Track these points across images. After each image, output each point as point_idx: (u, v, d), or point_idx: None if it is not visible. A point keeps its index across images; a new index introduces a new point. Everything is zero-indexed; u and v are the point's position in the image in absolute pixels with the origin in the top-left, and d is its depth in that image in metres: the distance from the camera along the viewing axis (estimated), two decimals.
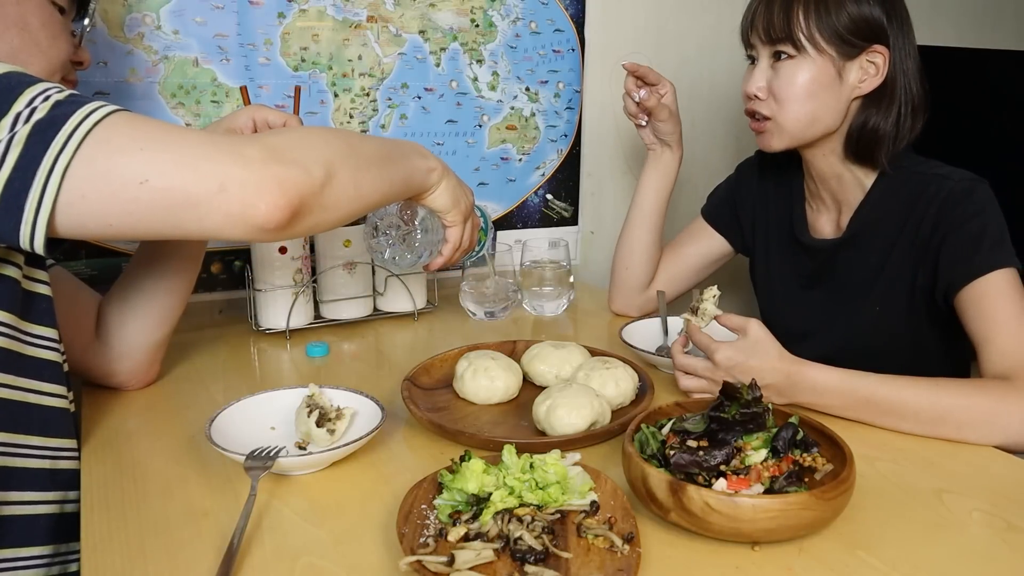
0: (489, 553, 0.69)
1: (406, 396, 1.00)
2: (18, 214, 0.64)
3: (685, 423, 0.83)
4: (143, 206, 0.65)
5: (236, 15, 1.36)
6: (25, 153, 0.64)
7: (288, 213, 0.68)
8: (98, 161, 0.64)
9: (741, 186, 1.37)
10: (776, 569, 0.71)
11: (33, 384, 0.84)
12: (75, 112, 0.65)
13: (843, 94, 1.11)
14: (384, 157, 0.82)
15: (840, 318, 1.21)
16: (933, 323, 1.14)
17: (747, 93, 1.16)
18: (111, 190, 0.64)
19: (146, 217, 0.66)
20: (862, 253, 1.18)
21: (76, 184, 0.64)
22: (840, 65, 1.10)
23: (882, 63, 1.09)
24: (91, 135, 0.64)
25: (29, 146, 0.64)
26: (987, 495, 0.84)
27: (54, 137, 0.64)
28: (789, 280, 1.29)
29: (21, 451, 0.83)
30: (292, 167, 0.68)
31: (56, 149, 0.63)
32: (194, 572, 0.71)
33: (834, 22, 1.08)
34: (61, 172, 0.63)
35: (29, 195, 0.64)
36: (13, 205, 0.64)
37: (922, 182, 1.11)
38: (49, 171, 0.63)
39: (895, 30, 1.10)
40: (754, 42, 1.15)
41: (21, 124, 0.64)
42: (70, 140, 0.64)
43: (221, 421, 0.90)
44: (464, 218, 0.96)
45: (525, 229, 1.67)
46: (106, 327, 1.06)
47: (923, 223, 1.10)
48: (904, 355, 1.15)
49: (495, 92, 1.58)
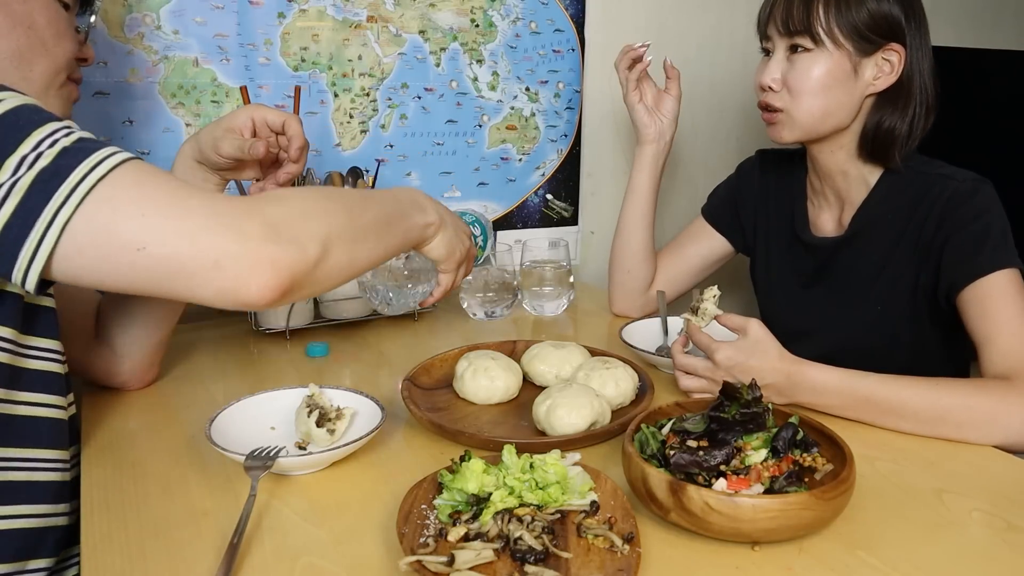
0: (489, 553, 0.69)
1: (406, 396, 1.00)
2: (12, 261, 0.64)
3: (685, 423, 0.83)
4: (138, 271, 0.65)
5: (236, 15, 1.36)
6: (25, 201, 0.63)
7: (278, 293, 0.68)
8: (98, 220, 0.64)
9: (742, 186, 1.37)
10: (776, 569, 0.71)
11: (32, 397, 0.82)
12: (80, 164, 0.64)
13: (857, 90, 1.11)
14: (383, 223, 0.82)
15: (841, 317, 1.21)
16: (934, 323, 1.14)
17: (761, 84, 1.16)
18: (108, 251, 0.64)
19: (139, 281, 0.66)
20: (864, 251, 1.18)
21: (75, 239, 0.63)
22: (856, 61, 1.10)
23: (897, 61, 1.10)
24: (94, 192, 0.63)
25: (30, 195, 0.63)
26: (987, 495, 0.84)
27: (57, 188, 0.63)
28: (790, 278, 1.29)
29: (19, 464, 0.81)
30: (288, 247, 0.68)
31: (58, 203, 0.63)
32: (194, 572, 0.71)
33: (854, 17, 1.08)
34: (60, 226, 0.63)
35: (26, 243, 0.63)
36: (8, 252, 0.63)
37: (926, 182, 1.12)
38: (48, 223, 0.63)
39: (912, 29, 1.10)
40: (771, 33, 1.15)
41: (24, 169, 0.63)
42: (72, 195, 0.63)
43: (221, 421, 0.90)
44: (458, 265, 0.96)
45: (525, 229, 1.67)
46: (107, 327, 1.06)
47: (927, 223, 1.10)
48: (904, 355, 1.15)
49: (495, 92, 1.58)
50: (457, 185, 1.59)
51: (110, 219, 0.64)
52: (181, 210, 0.66)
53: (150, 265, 0.65)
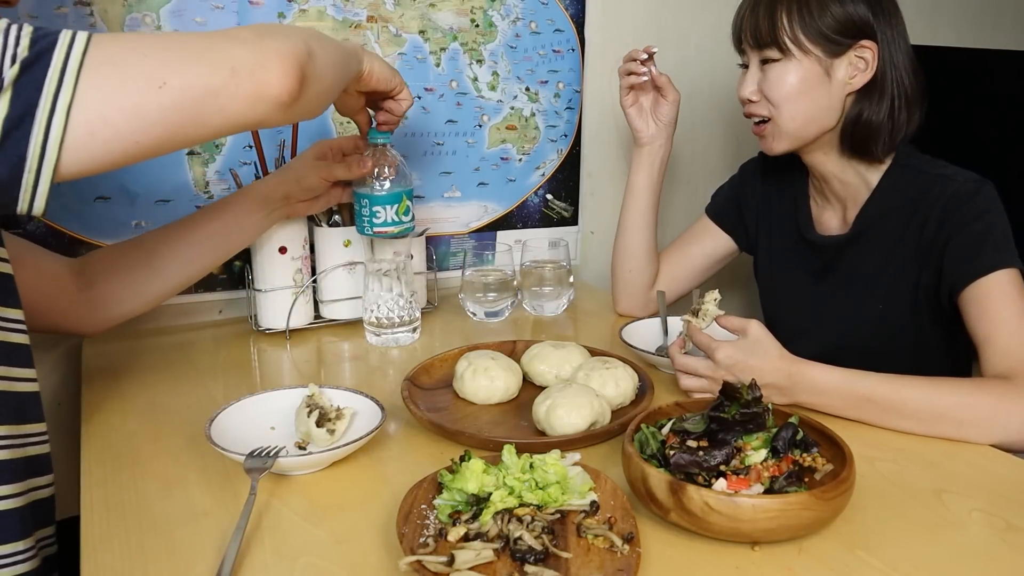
0: (489, 553, 0.69)
1: (406, 396, 1.00)
2: (19, 164, 0.60)
3: (685, 423, 0.83)
4: (166, 111, 0.65)
5: (236, 15, 1.36)
6: (16, 99, 0.59)
7: (296, 80, 0.72)
8: (111, 79, 0.63)
9: (745, 185, 1.38)
10: (776, 569, 0.71)
11: (3, 371, 0.78)
12: (57, 43, 0.61)
13: (834, 91, 1.12)
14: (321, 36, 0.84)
15: (845, 315, 1.21)
16: (936, 322, 1.14)
17: (740, 98, 1.18)
18: (132, 103, 0.63)
19: (169, 122, 0.66)
20: (868, 250, 1.18)
21: (92, 110, 0.61)
22: (827, 63, 1.11)
23: (871, 58, 1.10)
24: (88, 60, 0.61)
25: (19, 90, 0.59)
26: (987, 495, 0.84)
27: (46, 73, 0.60)
28: (794, 277, 1.29)
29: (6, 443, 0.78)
30: (283, 40, 0.73)
31: (52, 86, 0.60)
32: (194, 572, 0.71)
33: (817, 24, 1.09)
34: (65, 109, 0.60)
35: (31, 140, 0.60)
36: (11, 155, 0.60)
37: (928, 181, 1.12)
38: (50, 111, 0.60)
39: (882, 24, 1.10)
40: (744, 48, 1.17)
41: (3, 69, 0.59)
42: (66, 71, 0.60)
43: (221, 421, 0.90)
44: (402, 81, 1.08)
45: (525, 229, 1.67)
46: (113, 271, 1.08)
47: (928, 222, 1.10)
48: (906, 354, 1.15)
49: (495, 92, 1.58)
50: (457, 185, 1.59)
51: (121, 72, 0.63)
52: (173, 43, 0.67)
53: (175, 99, 0.65)
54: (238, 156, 1.40)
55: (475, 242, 1.62)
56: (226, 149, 1.40)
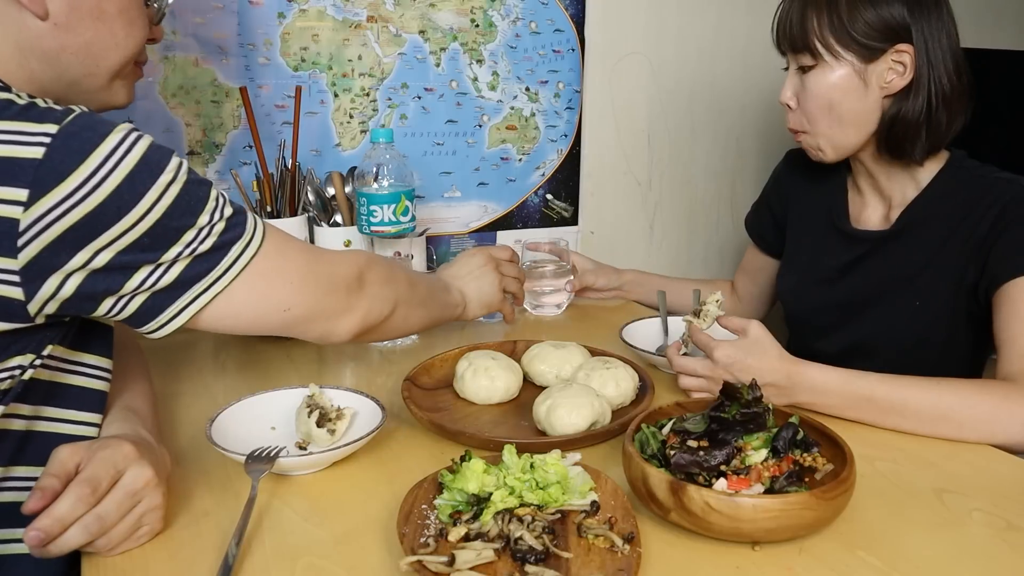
0: (489, 553, 0.69)
1: (406, 396, 1.00)
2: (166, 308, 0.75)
3: (685, 423, 0.83)
4: (276, 323, 0.83)
5: (236, 15, 1.36)
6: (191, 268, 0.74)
7: (355, 336, 0.91)
8: (257, 288, 0.79)
9: (772, 191, 1.39)
10: (776, 569, 0.71)
11: (73, 415, 0.81)
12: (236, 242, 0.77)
13: (871, 96, 1.10)
14: (428, 297, 1.06)
15: (873, 310, 1.19)
16: (970, 322, 1.12)
17: (780, 102, 1.17)
18: (261, 311, 0.81)
19: (273, 328, 0.84)
20: (909, 247, 1.15)
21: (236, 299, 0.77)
22: (862, 69, 1.08)
23: (909, 61, 1.07)
24: (251, 265, 0.78)
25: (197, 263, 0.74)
26: (987, 495, 0.84)
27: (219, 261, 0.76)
28: (821, 269, 1.26)
29: None
30: (375, 303, 0.92)
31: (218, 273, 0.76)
32: (194, 572, 0.71)
33: (849, 28, 1.07)
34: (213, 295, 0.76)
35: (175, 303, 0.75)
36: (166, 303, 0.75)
37: (986, 184, 1.10)
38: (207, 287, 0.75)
39: (921, 22, 1.07)
40: (783, 50, 1.15)
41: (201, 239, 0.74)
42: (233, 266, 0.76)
43: (221, 421, 0.90)
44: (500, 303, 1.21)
45: (525, 229, 1.67)
46: None
47: (982, 222, 1.08)
48: (934, 353, 1.14)
49: (495, 92, 1.58)
50: (457, 185, 1.59)
51: (268, 286, 0.80)
52: (313, 276, 0.85)
53: (286, 319, 0.83)
54: (238, 156, 1.41)
55: (475, 242, 1.62)
56: (226, 149, 1.40)
